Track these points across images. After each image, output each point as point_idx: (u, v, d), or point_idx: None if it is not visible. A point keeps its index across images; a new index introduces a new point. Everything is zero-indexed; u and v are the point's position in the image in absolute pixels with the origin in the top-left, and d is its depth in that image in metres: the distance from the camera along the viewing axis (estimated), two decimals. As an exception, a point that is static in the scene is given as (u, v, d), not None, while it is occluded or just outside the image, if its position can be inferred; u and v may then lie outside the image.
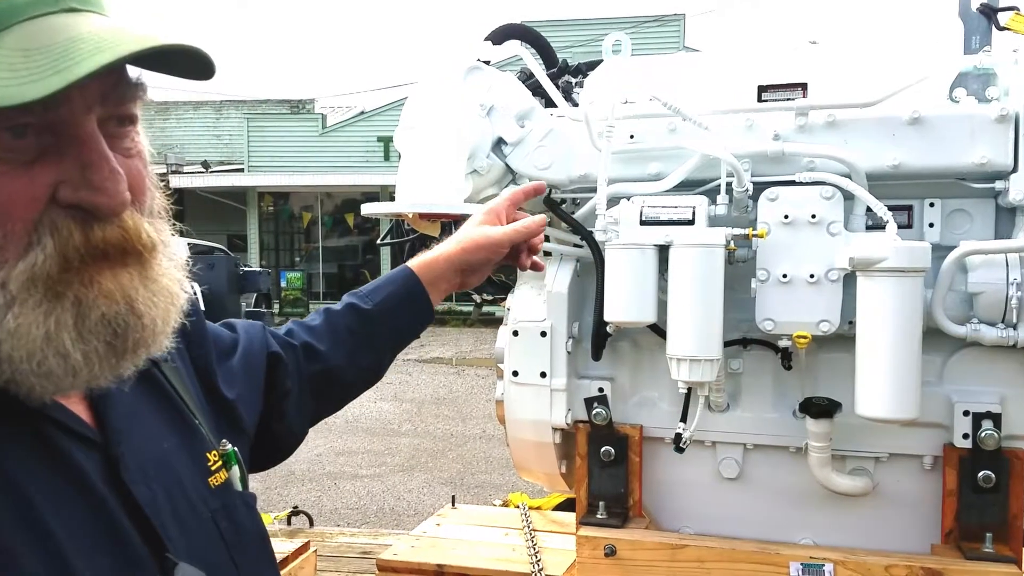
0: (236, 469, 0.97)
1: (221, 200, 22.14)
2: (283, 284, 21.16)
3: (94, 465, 0.79)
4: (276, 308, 19.27)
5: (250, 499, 0.99)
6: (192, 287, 1.05)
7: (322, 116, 22.76)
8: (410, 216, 1.92)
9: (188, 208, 22.22)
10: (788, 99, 1.75)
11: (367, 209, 2.05)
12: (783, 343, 1.71)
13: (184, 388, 0.98)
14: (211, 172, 22.69)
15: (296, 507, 4.65)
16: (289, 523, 4.53)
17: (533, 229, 1.42)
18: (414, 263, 1.36)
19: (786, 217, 1.66)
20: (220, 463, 0.95)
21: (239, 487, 0.97)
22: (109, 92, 0.75)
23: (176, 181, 21.05)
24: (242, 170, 22.24)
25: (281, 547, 2.89)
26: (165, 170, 21.12)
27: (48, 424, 0.78)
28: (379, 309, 1.30)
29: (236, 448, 0.99)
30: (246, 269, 16.69)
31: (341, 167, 20.90)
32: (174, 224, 0.88)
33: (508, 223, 1.40)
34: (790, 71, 1.80)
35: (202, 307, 1.10)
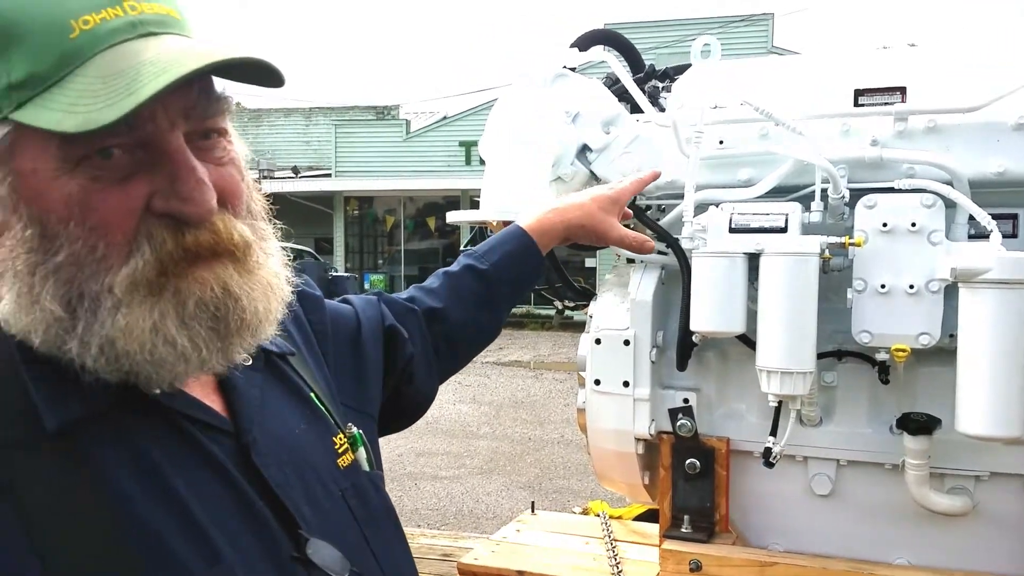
0: (362, 451, 1.03)
1: (309, 204, 22.71)
2: (366, 286, 21.58)
3: (227, 452, 0.85)
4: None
5: (377, 479, 1.04)
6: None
7: (406, 122, 23.12)
8: (494, 224, 1.92)
9: (279, 212, 22.86)
10: (886, 103, 1.69)
11: (453, 217, 2.07)
12: (880, 356, 1.65)
13: (312, 378, 1.04)
14: (300, 177, 23.29)
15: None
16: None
17: (636, 247, 1.57)
18: (528, 222, 1.45)
19: (885, 225, 1.60)
20: (347, 445, 1.01)
21: (367, 467, 1.03)
22: (191, 108, 0.79)
23: (268, 186, 21.63)
24: (329, 175, 22.77)
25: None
26: (258, 175, 21.78)
27: (183, 417, 0.84)
28: (496, 269, 1.39)
29: (361, 431, 1.04)
30: (335, 274, 17.06)
31: (424, 172, 21.17)
32: (273, 225, 0.93)
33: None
34: (888, 74, 1.74)
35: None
